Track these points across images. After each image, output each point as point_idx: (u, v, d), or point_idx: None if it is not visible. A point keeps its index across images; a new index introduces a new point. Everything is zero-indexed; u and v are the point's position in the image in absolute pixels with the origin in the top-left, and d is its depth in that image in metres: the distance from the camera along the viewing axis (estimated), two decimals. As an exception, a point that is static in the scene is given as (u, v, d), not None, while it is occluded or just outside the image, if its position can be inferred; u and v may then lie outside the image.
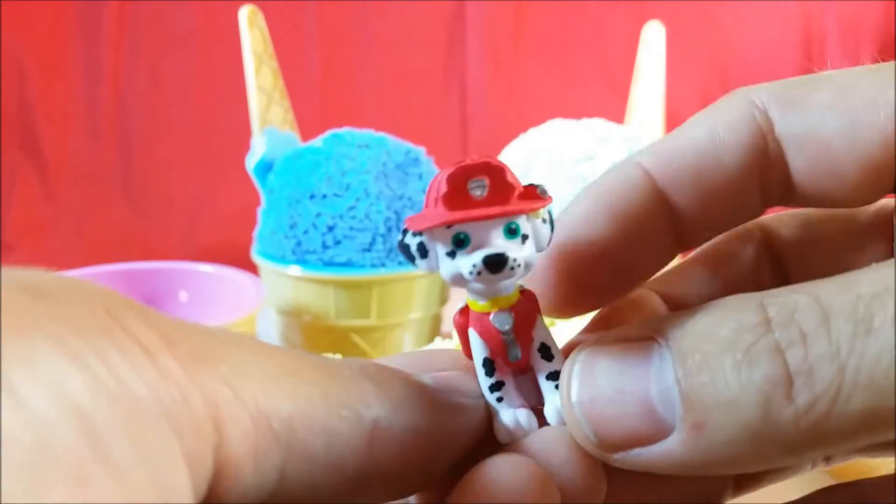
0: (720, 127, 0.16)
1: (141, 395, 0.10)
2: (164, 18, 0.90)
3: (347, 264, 0.50)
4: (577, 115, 0.58)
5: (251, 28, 0.55)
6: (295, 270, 0.51)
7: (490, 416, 0.16)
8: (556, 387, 0.15)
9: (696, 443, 0.13)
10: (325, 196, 0.50)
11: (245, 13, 0.55)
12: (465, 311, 0.16)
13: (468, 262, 0.15)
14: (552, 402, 0.16)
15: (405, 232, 0.15)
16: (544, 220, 0.15)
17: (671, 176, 0.16)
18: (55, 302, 0.11)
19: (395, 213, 0.50)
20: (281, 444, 0.12)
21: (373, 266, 0.50)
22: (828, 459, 0.17)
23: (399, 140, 0.54)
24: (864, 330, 0.12)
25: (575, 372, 0.14)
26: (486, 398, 0.16)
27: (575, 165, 0.52)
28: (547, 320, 0.16)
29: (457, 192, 0.14)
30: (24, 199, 0.88)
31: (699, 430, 0.13)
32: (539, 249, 0.15)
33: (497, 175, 0.15)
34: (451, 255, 0.15)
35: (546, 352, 0.16)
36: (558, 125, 0.57)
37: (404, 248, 0.15)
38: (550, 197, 0.15)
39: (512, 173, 0.15)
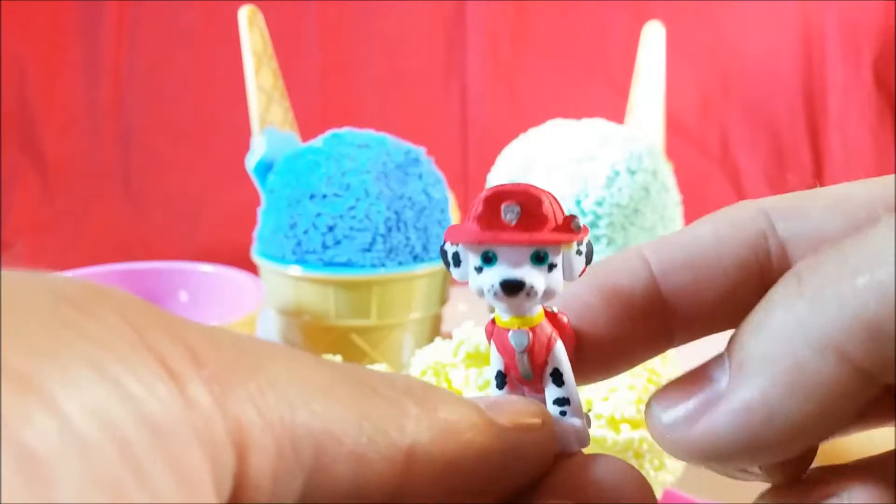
0: (722, 225, 0.17)
1: (174, 420, 0.10)
2: (164, 18, 0.90)
3: (347, 264, 0.50)
4: (577, 115, 0.58)
5: (251, 28, 0.55)
6: (295, 270, 0.51)
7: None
8: (562, 413, 0.16)
9: (736, 375, 0.14)
10: (325, 196, 0.50)
11: (245, 13, 0.55)
12: (493, 321, 0.17)
13: (489, 280, 0.15)
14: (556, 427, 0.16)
15: (444, 244, 0.16)
16: (579, 252, 0.16)
17: (666, 266, 0.17)
18: (87, 316, 0.11)
19: (395, 213, 0.50)
20: (304, 467, 0.12)
21: (373, 266, 0.50)
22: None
23: (399, 140, 0.54)
24: (867, 229, 0.13)
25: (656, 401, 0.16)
26: None
27: (575, 165, 0.52)
28: None
29: (489, 214, 0.15)
30: (24, 199, 0.88)
31: (741, 366, 0.14)
32: (568, 279, 0.16)
33: (532, 204, 0.15)
34: (479, 270, 0.16)
35: (557, 377, 0.16)
36: (558, 125, 0.57)
37: (443, 253, 0.16)
38: (585, 230, 0.16)
39: (553, 204, 0.16)
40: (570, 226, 0.16)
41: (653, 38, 0.62)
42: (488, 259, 0.16)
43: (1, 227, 0.86)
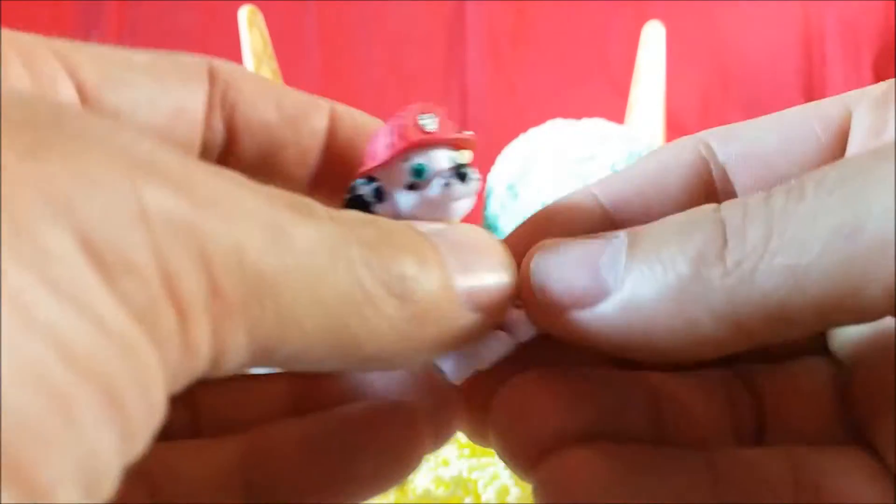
0: (665, 155, 0.17)
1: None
2: (164, 18, 0.90)
3: (347, 264, 0.50)
4: (577, 115, 0.58)
5: (251, 28, 0.55)
6: (295, 270, 0.51)
7: None
8: None
9: (628, 301, 0.13)
10: (325, 196, 0.50)
11: (245, 13, 0.55)
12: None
13: (436, 183, 0.15)
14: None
15: (354, 186, 0.16)
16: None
17: (615, 197, 0.17)
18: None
19: (395, 213, 0.50)
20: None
21: (373, 266, 0.50)
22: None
23: (399, 140, 0.54)
24: (796, 196, 0.13)
25: (540, 247, 0.15)
26: None
27: (575, 165, 0.52)
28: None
29: (413, 126, 0.16)
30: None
31: (633, 288, 0.13)
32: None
33: (443, 114, 0.16)
34: (412, 187, 0.15)
35: None
36: (558, 125, 0.57)
37: (356, 199, 0.16)
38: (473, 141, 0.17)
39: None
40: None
41: (653, 38, 0.62)
42: (418, 173, 0.15)
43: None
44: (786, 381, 0.17)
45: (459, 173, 0.15)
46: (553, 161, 0.53)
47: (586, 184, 0.54)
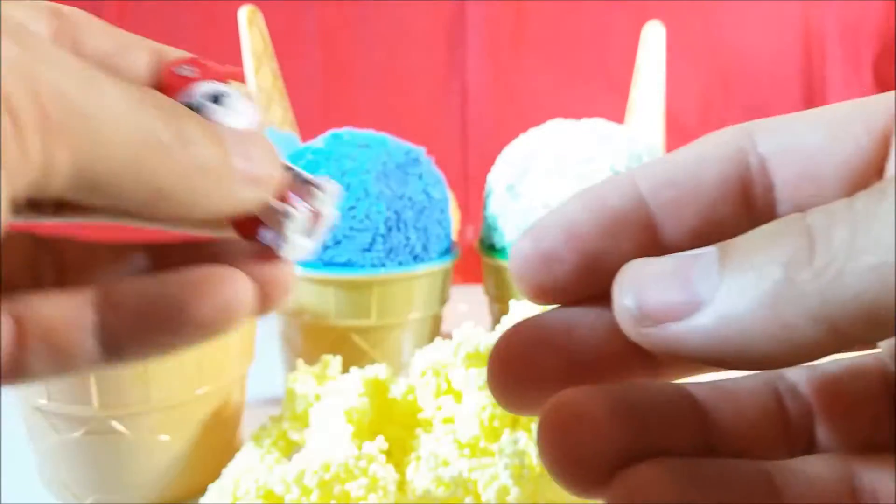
0: (705, 145, 0.18)
1: None
2: (164, 18, 0.90)
3: (347, 264, 0.50)
4: (577, 115, 0.58)
5: (251, 28, 0.55)
6: (295, 270, 0.51)
7: None
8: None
9: (724, 311, 0.14)
10: (324, 196, 0.50)
11: (245, 13, 0.55)
12: None
13: (194, 109, 0.18)
14: None
15: None
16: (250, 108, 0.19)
17: (652, 184, 0.17)
18: None
19: (396, 213, 0.50)
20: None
21: (373, 266, 0.50)
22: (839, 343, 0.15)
23: (399, 140, 0.54)
24: (878, 197, 0.13)
25: (632, 265, 0.16)
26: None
27: (575, 165, 0.52)
28: None
29: (170, 76, 0.19)
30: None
31: (728, 299, 0.14)
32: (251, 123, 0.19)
33: (204, 65, 0.19)
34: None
35: None
36: (558, 125, 0.57)
37: None
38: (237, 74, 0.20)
39: (226, 69, 0.20)
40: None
41: (653, 38, 0.62)
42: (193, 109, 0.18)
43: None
44: (833, 384, 0.17)
45: (213, 97, 0.19)
46: (553, 161, 0.53)
47: (586, 184, 0.54)
